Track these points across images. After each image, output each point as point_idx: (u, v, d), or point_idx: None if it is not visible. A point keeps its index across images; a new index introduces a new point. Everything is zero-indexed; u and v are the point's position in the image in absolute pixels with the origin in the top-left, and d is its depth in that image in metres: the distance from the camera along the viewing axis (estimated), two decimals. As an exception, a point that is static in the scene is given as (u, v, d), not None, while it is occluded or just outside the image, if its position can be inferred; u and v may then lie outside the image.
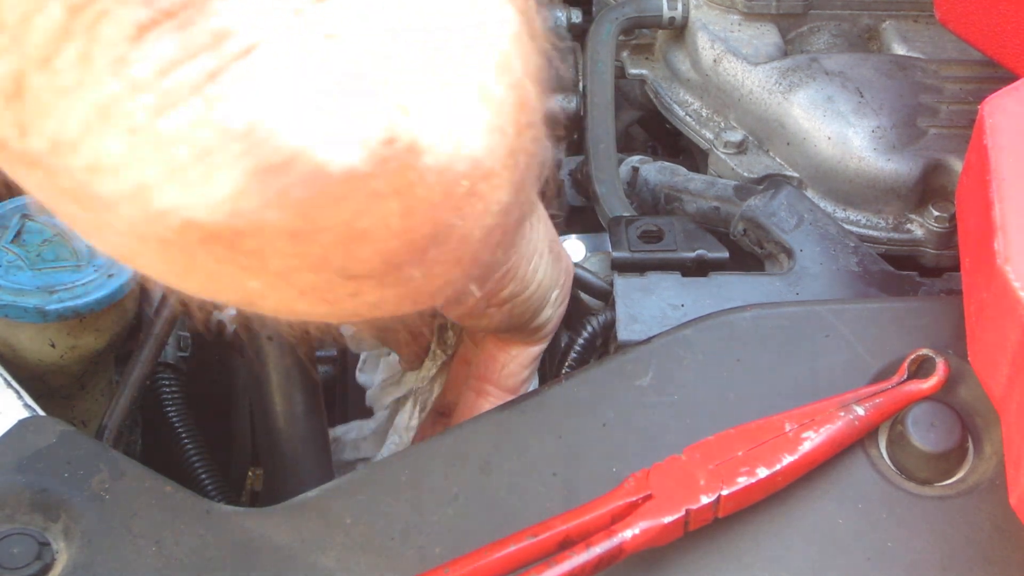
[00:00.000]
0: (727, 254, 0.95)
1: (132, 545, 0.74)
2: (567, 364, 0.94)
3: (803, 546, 0.74)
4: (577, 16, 1.25)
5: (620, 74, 1.20)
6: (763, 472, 0.72)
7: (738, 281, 0.92)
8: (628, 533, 0.70)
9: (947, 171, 1.02)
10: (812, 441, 0.74)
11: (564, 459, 0.78)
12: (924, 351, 0.78)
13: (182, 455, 1.09)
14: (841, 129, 1.04)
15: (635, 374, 0.81)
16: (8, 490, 0.76)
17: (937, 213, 1.03)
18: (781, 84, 1.07)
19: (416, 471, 0.78)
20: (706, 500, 0.71)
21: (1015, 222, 0.70)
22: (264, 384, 1.00)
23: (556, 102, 1.20)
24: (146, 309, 1.04)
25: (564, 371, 0.93)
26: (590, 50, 1.17)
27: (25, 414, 0.82)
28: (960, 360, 0.78)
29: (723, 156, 1.10)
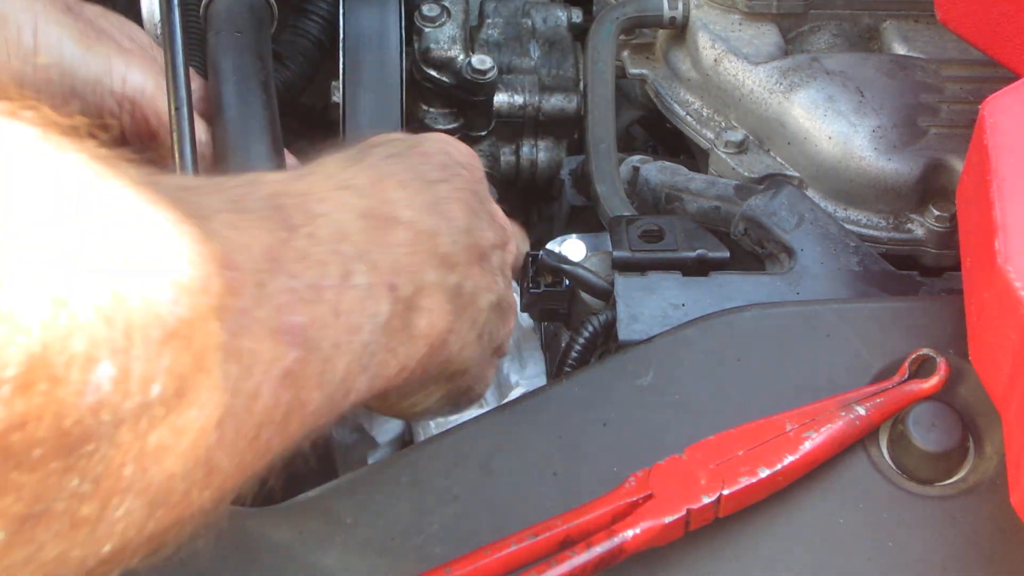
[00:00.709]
0: (728, 254, 0.95)
1: (132, 545, 0.74)
2: (567, 364, 0.94)
3: (803, 546, 0.74)
4: (577, 16, 1.26)
5: (621, 74, 1.20)
6: (764, 472, 0.72)
7: (739, 281, 0.92)
8: (629, 533, 0.70)
9: (948, 171, 1.02)
10: (813, 441, 0.74)
11: (564, 459, 0.78)
12: (925, 351, 0.78)
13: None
14: (842, 129, 1.04)
15: (636, 374, 0.81)
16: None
17: (938, 213, 1.03)
18: (782, 84, 1.07)
19: (416, 471, 0.78)
20: (707, 500, 0.71)
21: (1015, 222, 0.70)
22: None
23: (557, 101, 1.20)
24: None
25: (564, 371, 0.93)
26: (590, 50, 1.17)
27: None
28: (961, 360, 0.78)
29: (724, 156, 1.10)
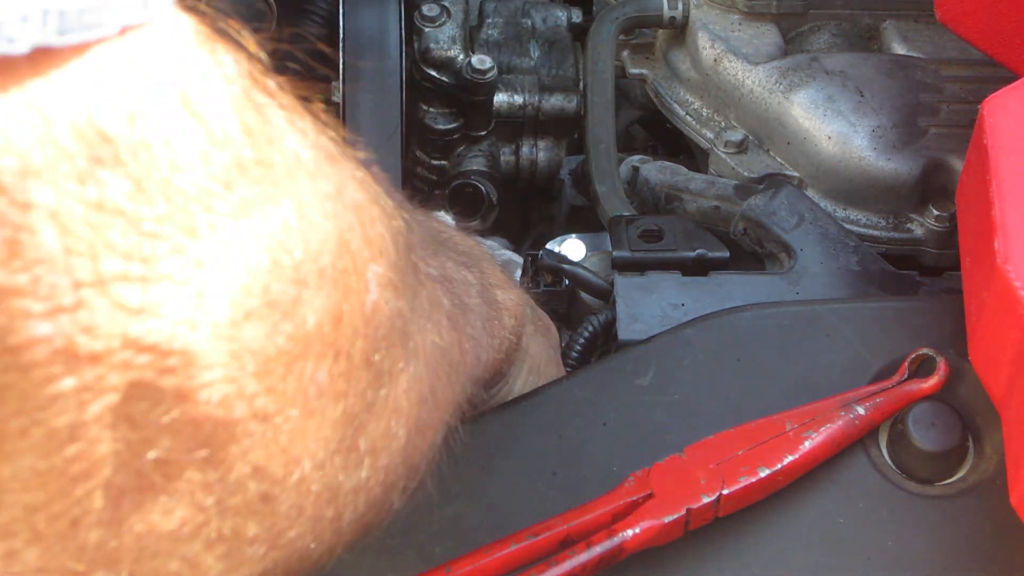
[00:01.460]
0: (727, 253, 0.95)
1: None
2: (567, 364, 0.94)
3: (803, 546, 0.74)
4: (577, 16, 1.26)
5: (620, 74, 1.20)
6: (764, 471, 0.72)
7: (739, 280, 0.92)
8: (629, 532, 0.70)
9: (947, 170, 1.02)
10: (813, 440, 0.74)
11: (564, 459, 0.78)
12: (924, 350, 0.78)
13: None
14: (841, 128, 1.04)
15: (635, 373, 0.81)
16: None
17: (937, 212, 1.03)
18: (781, 84, 1.07)
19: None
20: (707, 499, 0.71)
21: (1015, 222, 0.70)
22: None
23: (557, 101, 1.20)
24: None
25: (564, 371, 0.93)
26: (590, 50, 1.17)
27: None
28: (960, 359, 0.78)
29: (723, 155, 1.10)
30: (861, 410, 0.75)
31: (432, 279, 0.60)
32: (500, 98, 1.19)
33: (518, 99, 1.19)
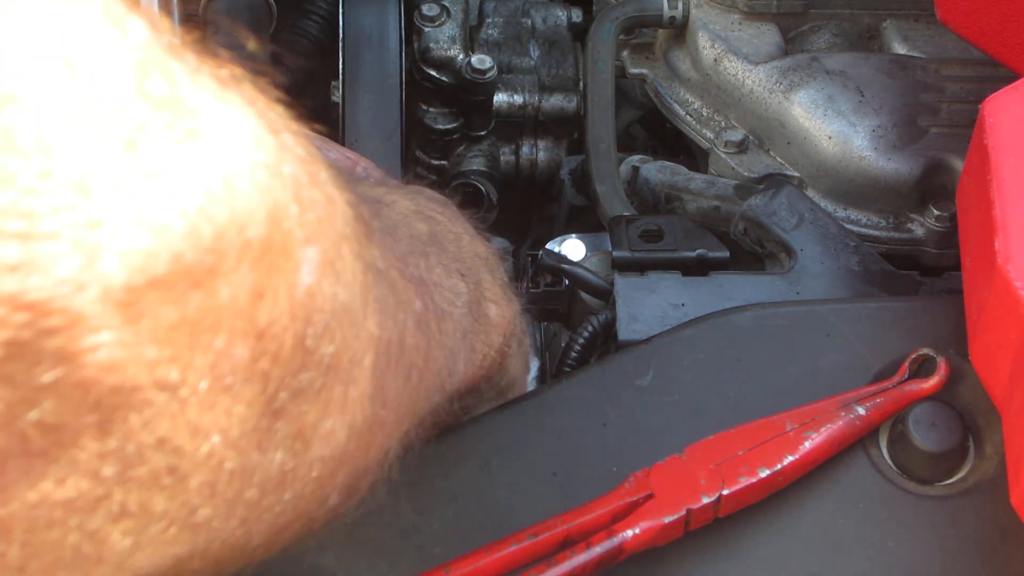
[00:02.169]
0: (728, 253, 0.95)
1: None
2: (567, 364, 0.94)
3: (803, 546, 0.74)
4: (577, 16, 1.26)
5: (620, 74, 1.20)
6: (764, 472, 0.72)
7: (739, 281, 0.92)
8: (628, 533, 0.70)
9: (948, 170, 1.02)
10: (813, 441, 0.74)
11: (564, 459, 0.78)
12: (925, 350, 0.78)
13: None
14: (842, 128, 1.04)
15: (635, 374, 0.81)
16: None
17: (938, 212, 1.03)
18: (782, 83, 1.07)
19: (416, 471, 0.78)
20: (707, 500, 0.71)
21: (1015, 222, 0.70)
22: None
23: (557, 101, 1.20)
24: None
25: (564, 371, 0.93)
26: (590, 50, 1.17)
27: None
28: (961, 359, 0.78)
29: (723, 155, 1.10)
30: (861, 410, 0.75)
31: (406, 278, 0.59)
32: (500, 98, 1.19)
33: (518, 99, 1.19)
